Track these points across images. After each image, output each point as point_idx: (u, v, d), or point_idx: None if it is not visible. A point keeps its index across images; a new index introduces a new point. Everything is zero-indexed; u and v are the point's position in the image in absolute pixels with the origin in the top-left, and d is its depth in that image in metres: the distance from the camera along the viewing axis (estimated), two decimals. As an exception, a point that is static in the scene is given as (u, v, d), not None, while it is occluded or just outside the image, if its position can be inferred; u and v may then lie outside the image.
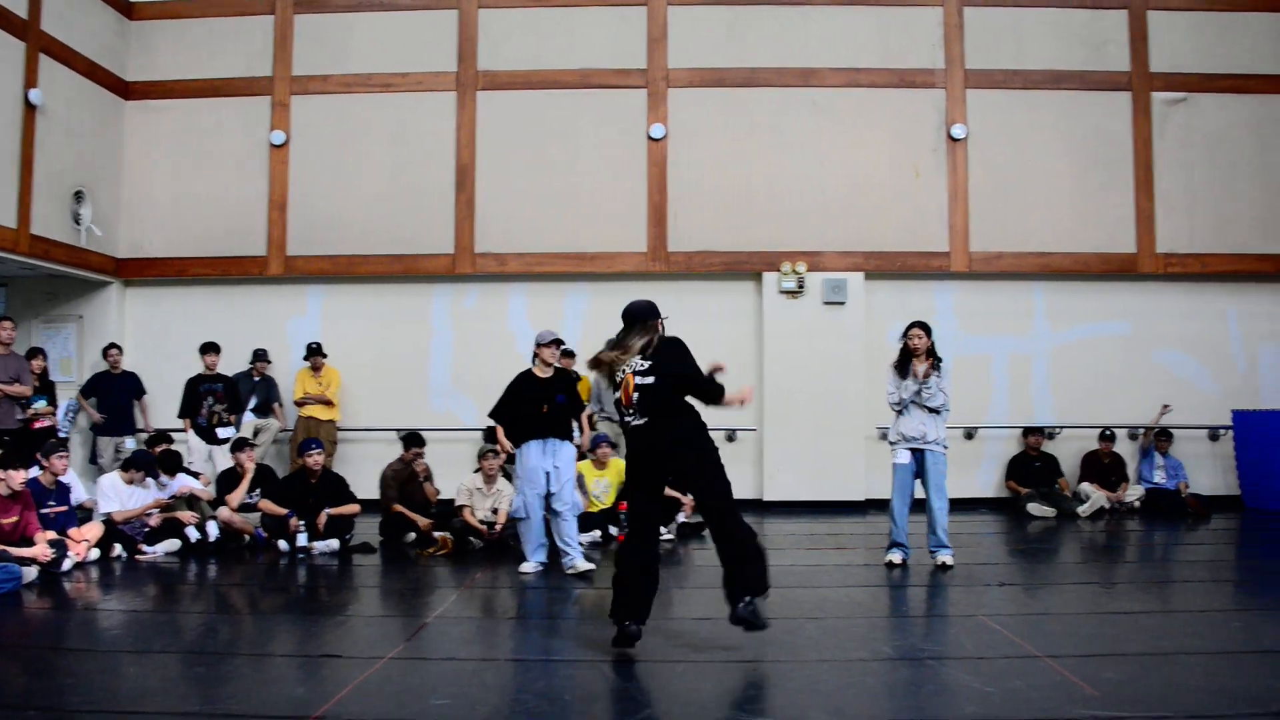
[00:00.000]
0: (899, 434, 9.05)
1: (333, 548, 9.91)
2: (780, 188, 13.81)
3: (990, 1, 14.13)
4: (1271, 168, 14.10)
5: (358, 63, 13.86)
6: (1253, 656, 5.94)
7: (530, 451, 8.77)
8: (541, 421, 8.79)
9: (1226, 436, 13.99)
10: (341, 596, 8.30)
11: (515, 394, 8.92)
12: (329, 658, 5.92)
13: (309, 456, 10.25)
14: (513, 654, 6.26)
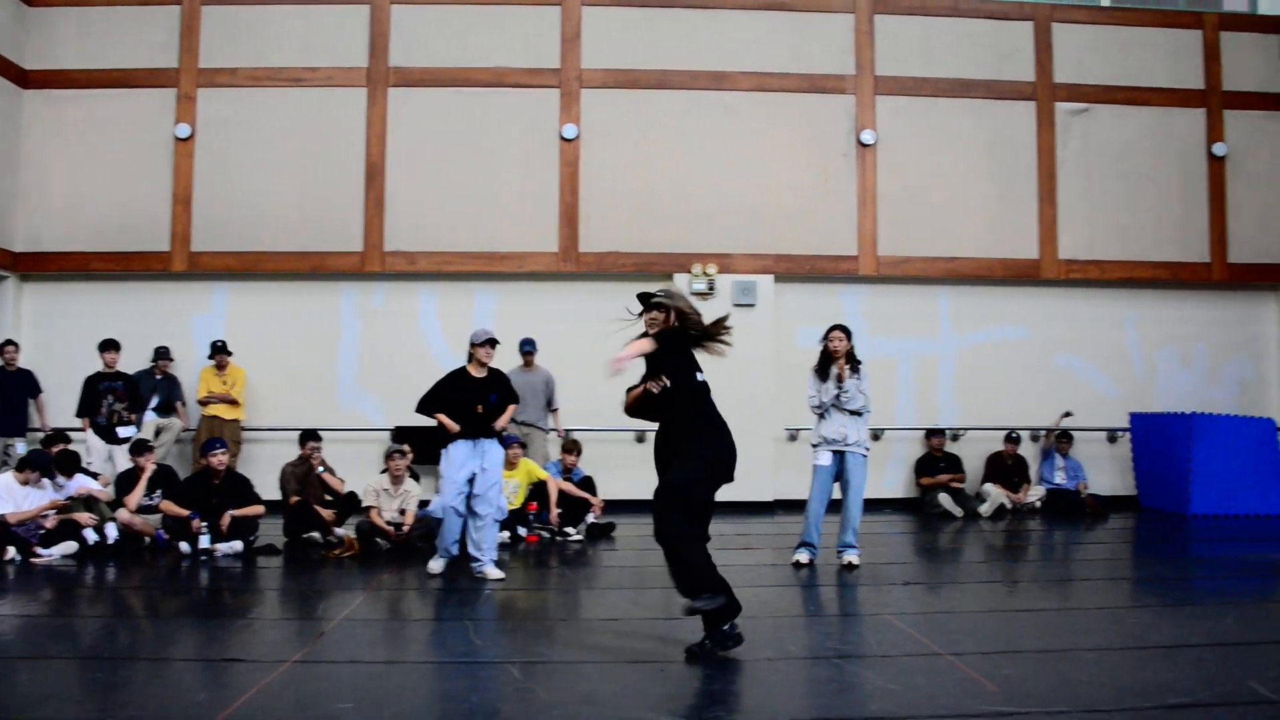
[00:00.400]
0: (820, 436, 9.14)
1: (236, 550, 9.72)
2: (692, 190, 13.87)
3: (900, 10, 14.34)
4: (1167, 178, 14.52)
5: (267, 56, 13.61)
6: (1146, 652, 6.09)
7: (459, 451, 8.63)
8: (475, 421, 8.66)
9: (1124, 439, 14.37)
10: (244, 599, 8.15)
11: (447, 391, 8.73)
12: (231, 662, 5.82)
13: (212, 457, 10.04)
14: (419, 656, 6.20)
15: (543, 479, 11.09)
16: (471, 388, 8.73)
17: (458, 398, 8.66)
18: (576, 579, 9.02)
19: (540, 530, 10.87)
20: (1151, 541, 11.51)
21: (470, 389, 8.72)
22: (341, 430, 12.94)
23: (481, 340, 8.80)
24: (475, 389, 8.73)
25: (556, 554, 10.08)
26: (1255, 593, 8.49)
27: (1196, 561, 10.00)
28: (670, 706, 5.04)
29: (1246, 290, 14.88)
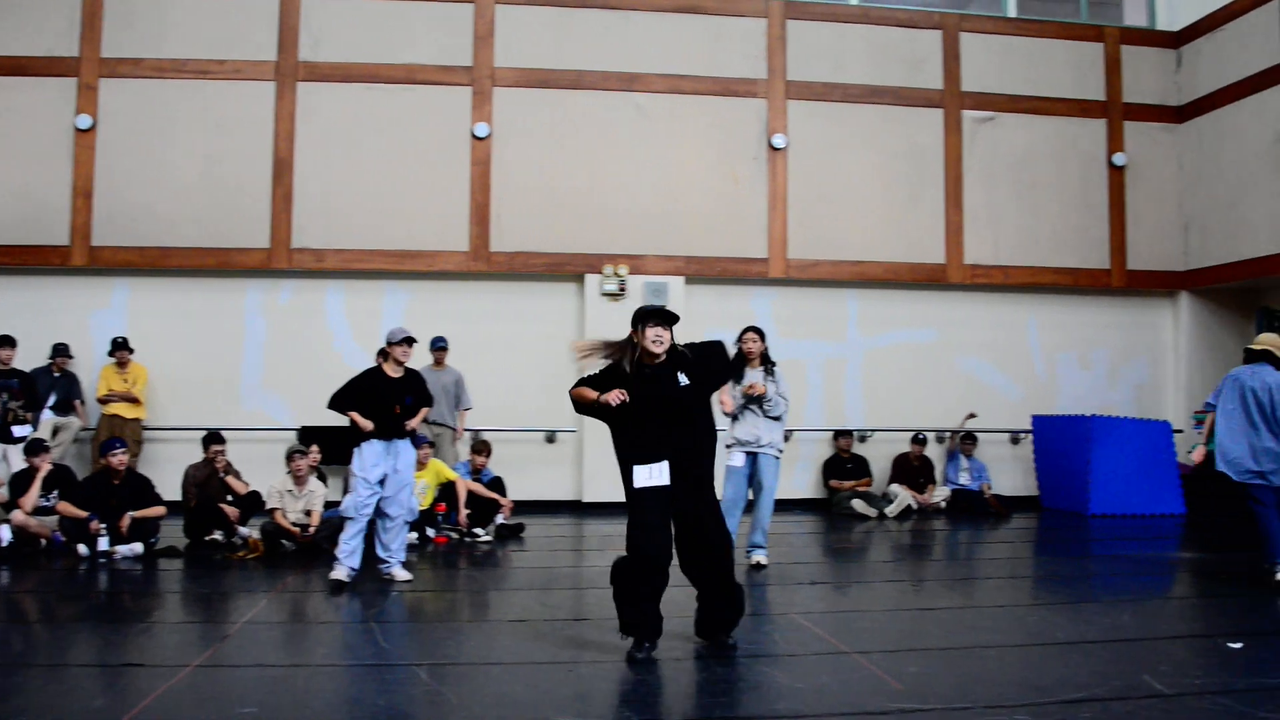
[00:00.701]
0: (734, 438, 9.19)
1: (136, 552, 9.50)
2: (604, 190, 13.87)
3: (812, 16, 14.48)
4: (1069, 187, 14.85)
5: (172, 47, 13.28)
6: (1046, 648, 6.23)
7: (372, 451, 8.43)
8: (390, 421, 8.48)
9: (1026, 440, 14.67)
10: (145, 603, 7.96)
11: (362, 389, 8.50)
12: (130, 666, 5.70)
13: (112, 457, 9.79)
14: (325, 660, 6.12)
15: (451, 479, 11.00)
16: (387, 387, 8.55)
17: (373, 397, 8.47)
18: (485, 580, 8.97)
19: (449, 531, 10.78)
20: (1052, 541, 11.76)
21: (386, 388, 8.54)
22: (246, 430, 12.70)
23: (399, 339, 8.61)
24: (391, 389, 8.55)
25: (465, 555, 10.01)
26: (1151, 590, 8.72)
27: (1095, 560, 10.23)
28: (579, 707, 5.03)
29: (1144, 296, 15.28)
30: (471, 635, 6.71)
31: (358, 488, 8.39)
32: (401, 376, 8.66)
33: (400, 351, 8.62)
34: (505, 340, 13.73)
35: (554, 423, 13.74)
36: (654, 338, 6.05)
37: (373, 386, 8.53)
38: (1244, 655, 6.00)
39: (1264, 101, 13.57)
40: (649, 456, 5.95)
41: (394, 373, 8.64)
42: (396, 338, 8.63)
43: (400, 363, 8.66)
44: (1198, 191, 14.84)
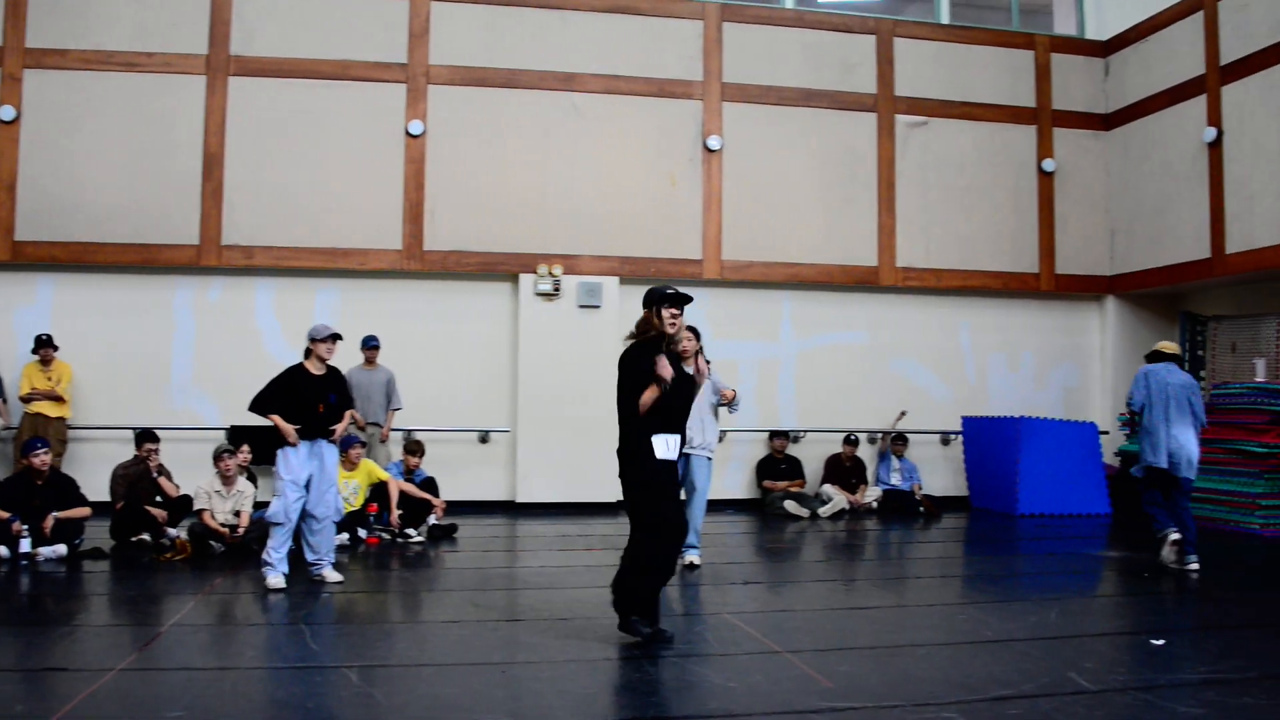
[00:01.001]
0: None
1: (60, 554, 9.27)
2: (539, 190, 13.82)
3: (748, 19, 14.55)
4: (999, 191, 15.06)
5: (100, 38, 13.00)
6: (975, 646, 6.31)
7: (298, 453, 8.25)
8: (315, 421, 8.32)
9: (957, 441, 14.86)
10: (69, 605, 7.78)
11: (284, 390, 8.29)
12: (53, 671, 5.57)
13: (34, 457, 9.53)
14: (254, 662, 6.04)
15: (384, 480, 10.91)
16: (310, 386, 8.35)
17: (297, 396, 8.28)
18: (417, 581, 8.91)
19: (381, 532, 10.69)
20: (981, 540, 11.92)
21: (309, 387, 8.35)
22: (175, 429, 12.49)
23: (325, 335, 8.42)
24: (314, 387, 8.37)
25: (397, 556, 9.93)
26: (1077, 589, 8.88)
27: (1023, 559, 10.39)
28: (512, 708, 5.01)
29: (1072, 300, 15.54)
30: (403, 637, 6.67)
31: (285, 491, 8.19)
32: (324, 374, 8.48)
33: (324, 348, 8.43)
34: (439, 340, 13.66)
35: (487, 423, 13.70)
36: (670, 319, 6.33)
37: (296, 386, 8.33)
38: (1166, 652, 6.13)
39: (1188, 110, 13.85)
40: (667, 431, 6.35)
41: (317, 370, 8.44)
42: (321, 334, 8.44)
43: (323, 359, 8.47)
44: (1124, 197, 15.12)
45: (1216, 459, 12.44)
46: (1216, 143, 13.37)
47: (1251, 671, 5.67)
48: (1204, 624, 7.16)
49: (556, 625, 6.71)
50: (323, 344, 8.42)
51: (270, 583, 8.03)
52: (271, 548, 8.13)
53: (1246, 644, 6.40)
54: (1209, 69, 13.51)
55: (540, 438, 13.54)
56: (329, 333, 8.47)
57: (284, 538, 8.17)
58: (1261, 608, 7.89)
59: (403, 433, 12.92)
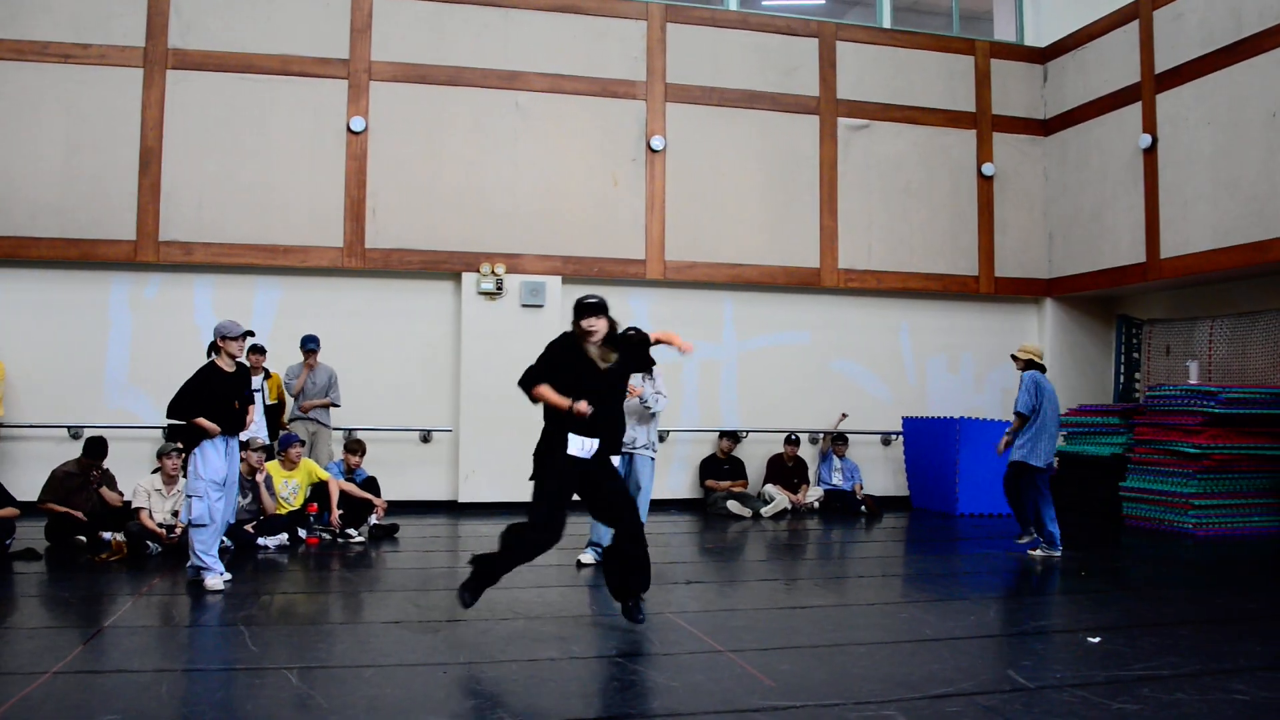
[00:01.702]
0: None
1: (-11, 554, 9.12)
2: (482, 189, 13.77)
3: (691, 20, 14.58)
4: (940, 195, 15.23)
5: (32, 29, 12.72)
6: (916, 645, 6.35)
7: (215, 452, 8.15)
8: (231, 418, 8.23)
9: (897, 441, 15.00)
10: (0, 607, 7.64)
11: (203, 390, 8.15)
12: (-18, 672, 5.47)
13: None
14: (192, 664, 5.96)
15: (324, 479, 10.81)
16: (225, 384, 8.26)
17: (212, 396, 8.15)
18: (358, 581, 8.83)
19: (321, 532, 10.59)
20: (921, 540, 12.02)
21: (224, 385, 8.25)
22: (110, 428, 12.27)
23: (236, 333, 8.30)
24: (228, 385, 8.28)
25: (338, 556, 9.84)
26: (1015, 587, 8.98)
27: (963, 558, 10.49)
28: (453, 709, 4.98)
29: (1010, 303, 15.73)
30: (344, 637, 6.60)
31: (206, 492, 8.05)
32: (234, 372, 8.39)
33: (236, 347, 8.35)
34: (380, 338, 13.57)
35: (429, 422, 13.62)
36: (587, 326, 6.59)
37: (211, 385, 8.21)
38: (1102, 649, 6.20)
39: (1124, 117, 14.08)
40: (584, 431, 6.49)
41: (228, 368, 8.34)
42: (234, 332, 8.32)
43: (234, 357, 8.38)
44: (1062, 202, 15.33)
45: (1151, 459, 12.68)
46: (1151, 149, 13.60)
47: (1185, 668, 5.77)
48: (1139, 621, 7.27)
49: (498, 626, 6.69)
50: (235, 342, 8.33)
51: (210, 584, 7.90)
52: (201, 551, 8.00)
53: (1180, 641, 6.50)
54: (1144, 77, 13.74)
55: (483, 437, 13.48)
56: (241, 331, 8.36)
57: (213, 538, 8.08)
58: (1195, 606, 8.02)
59: (343, 432, 12.82)
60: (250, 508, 10.29)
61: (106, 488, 10.16)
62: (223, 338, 8.32)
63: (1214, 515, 12.06)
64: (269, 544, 10.04)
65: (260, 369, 11.91)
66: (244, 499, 10.22)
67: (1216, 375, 13.85)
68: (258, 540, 10.00)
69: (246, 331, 8.43)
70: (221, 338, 8.32)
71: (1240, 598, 8.38)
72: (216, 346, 8.36)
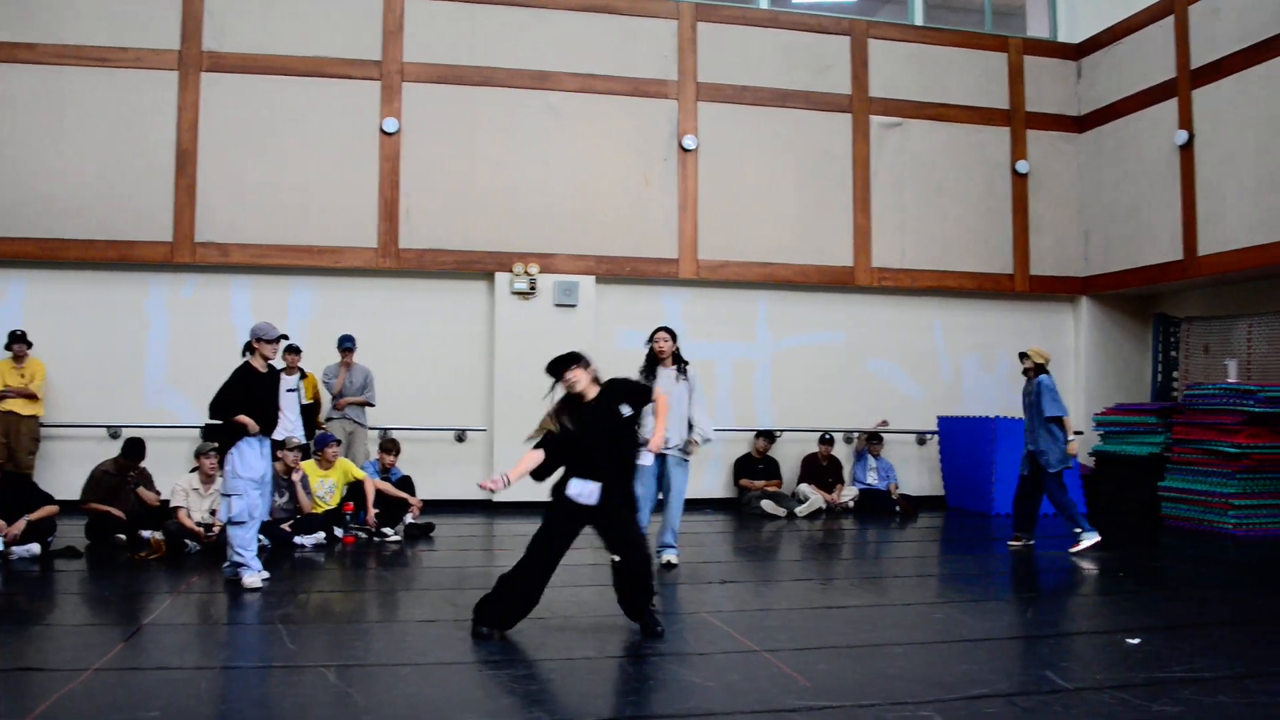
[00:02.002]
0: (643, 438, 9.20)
1: (33, 552, 9.16)
2: (514, 189, 13.79)
3: (722, 19, 14.56)
4: (974, 193, 15.13)
5: (71, 33, 12.85)
6: (952, 646, 6.32)
7: (253, 450, 8.23)
8: (264, 419, 8.30)
9: (932, 441, 14.92)
10: (43, 605, 7.70)
11: (240, 389, 8.24)
12: (27, 671, 5.51)
13: None
14: (230, 661, 6.00)
15: (360, 478, 10.87)
16: (260, 384, 8.37)
17: (249, 395, 8.25)
18: (394, 580, 8.87)
19: (357, 531, 10.65)
20: (957, 539, 11.97)
21: (260, 386, 8.36)
22: (149, 427, 12.37)
23: (271, 336, 8.41)
24: (263, 386, 8.39)
25: (374, 555, 9.89)
26: (1052, 587, 8.93)
27: (999, 558, 10.41)
28: (489, 707, 5.00)
29: (1046, 301, 15.62)
30: (380, 636, 6.63)
31: (245, 490, 8.14)
32: (267, 374, 8.49)
33: (270, 349, 8.44)
34: (414, 338, 13.62)
35: (463, 421, 13.67)
36: (569, 383, 6.68)
37: (249, 384, 8.31)
38: (1141, 650, 6.15)
39: (1160, 113, 13.95)
40: (587, 476, 6.54)
41: (261, 368, 8.43)
42: (269, 334, 8.42)
43: (268, 359, 8.47)
44: (1098, 199, 15.22)
45: (1190, 459, 12.56)
46: (1188, 145, 13.47)
47: (1226, 670, 5.71)
48: (1179, 623, 7.21)
49: (533, 624, 6.68)
50: (269, 344, 8.42)
51: (248, 582, 7.97)
52: (240, 547, 8.08)
53: (1221, 642, 6.45)
54: (1180, 72, 13.61)
55: (517, 437, 13.36)
56: (276, 334, 8.46)
57: (250, 536, 8.15)
58: (1236, 607, 7.95)
59: (379, 431, 12.88)
60: (287, 507, 10.37)
61: (143, 488, 10.25)
62: (258, 339, 8.41)
63: (1255, 515, 11.93)
64: (306, 543, 10.11)
65: (296, 369, 11.99)
66: (281, 498, 10.31)
67: (1256, 374, 13.71)
68: (294, 539, 10.08)
69: (281, 335, 8.52)
70: (256, 339, 8.41)
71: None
72: (251, 347, 8.45)
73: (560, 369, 6.67)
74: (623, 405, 6.67)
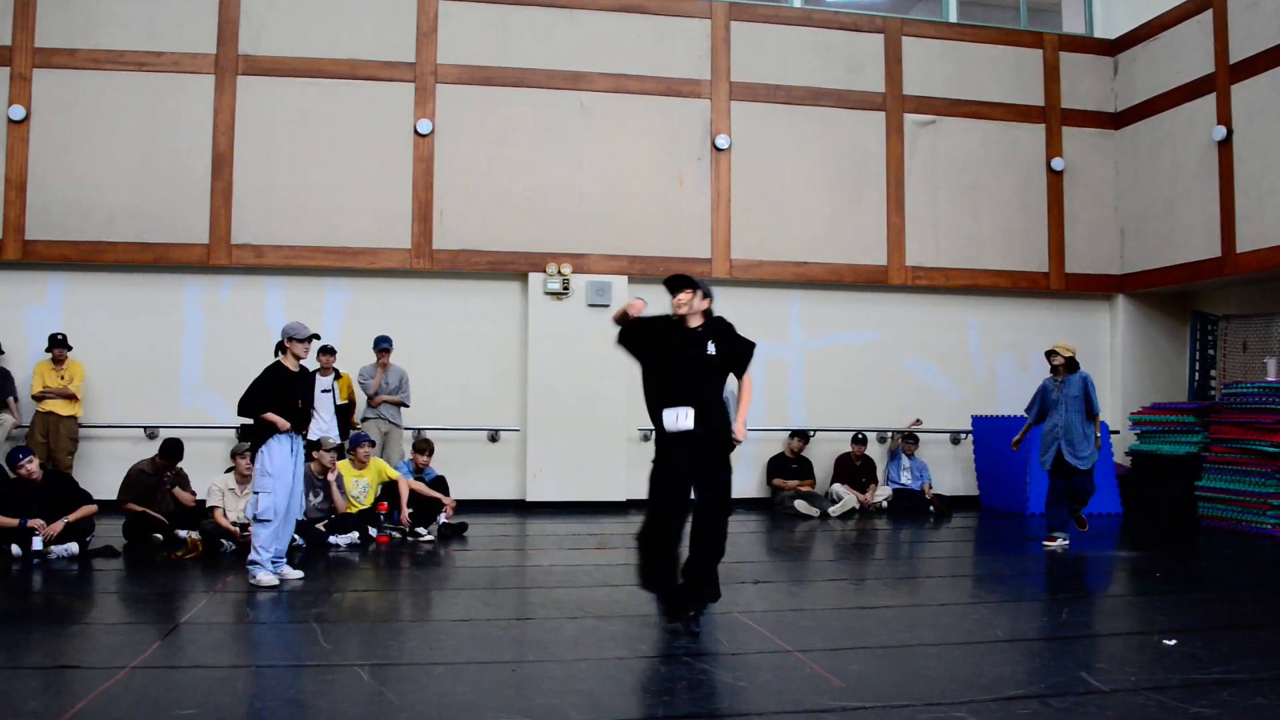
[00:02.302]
0: None
1: (71, 551, 9.25)
2: (547, 189, 13.83)
3: (755, 18, 14.54)
4: (1008, 190, 15.04)
5: (108, 38, 13.03)
6: (986, 646, 6.28)
7: (281, 449, 8.32)
8: (296, 416, 8.38)
9: (966, 441, 14.85)
10: (81, 603, 7.79)
11: (269, 387, 8.34)
12: (66, 668, 5.58)
13: (20, 468, 9.27)
14: (266, 660, 6.05)
15: (394, 478, 10.93)
16: (290, 383, 8.44)
17: (279, 393, 8.33)
18: (428, 580, 8.91)
19: (391, 530, 10.71)
20: (992, 540, 11.90)
21: (290, 384, 8.43)
22: (185, 428, 12.49)
23: (303, 335, 8.48)
24: (292, 383, 8.46)
25: (408, 555, 9.94)
26: (1088, 588, 8.86)
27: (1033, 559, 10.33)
28: (521, 706, 5.01)
29: (1081, 299, 15.51)
30: (414, 635, 6.66)
31: (273, 489, 8.23)
32: (298, 373, 8.57)
33: (302, 348, 8.51)
34: (448, 338, 13.68)
35: (497, 421, 13.71)
36: (678, 303, 6.67)
37: (278, 383, 8.39)
38: (1177, 652, 6.10)
39: (1197, 109, 13.83)
40: (675, 403, 6.47)
41: (293, 367, 8.51)
42: (300, 334, 8.49)
43: (299, 358, 8.54)
44: (1134, 196, 15.09)
45: (1228, 459, 12.44)
46: (1226, 141, 13.35)
47: (1264, 672, 5.65)
48: (1216, 624, 7.14)
49: (567, 624, 6.71)
50: (301, 344, 8.50)
51: (262, 580, 8.05)
52: (260, 546, 8.16)
53: (1259, 644, 6.38)
54: (1218, 67, 13.48)
55: (550, 437, 13.54)
56: (308, 333, 8.53)
57: (273, 535, 8.22)
58: (1274, 608, 7.87)
59: (412, 431, 12.94)
60: (322, 506, 10.43)
61: (180, 488, 10.32)
62: (290, 339, 8.49)
63: (1294, 515, 11.82)
64: (340, 542, 10.17)
65: (330, 369, 12.07)
66: (315, 498, 10.38)
67: (1295, 372, 13.55)
68: (329, 539, 10.14)
69: (313, 334, 8.59)
70: (289, 339, 8.49)
71: (1321, 599, 8.21)
72: (283, 346, 8.54)
73: (677, 286, 6.68)
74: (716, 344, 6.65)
